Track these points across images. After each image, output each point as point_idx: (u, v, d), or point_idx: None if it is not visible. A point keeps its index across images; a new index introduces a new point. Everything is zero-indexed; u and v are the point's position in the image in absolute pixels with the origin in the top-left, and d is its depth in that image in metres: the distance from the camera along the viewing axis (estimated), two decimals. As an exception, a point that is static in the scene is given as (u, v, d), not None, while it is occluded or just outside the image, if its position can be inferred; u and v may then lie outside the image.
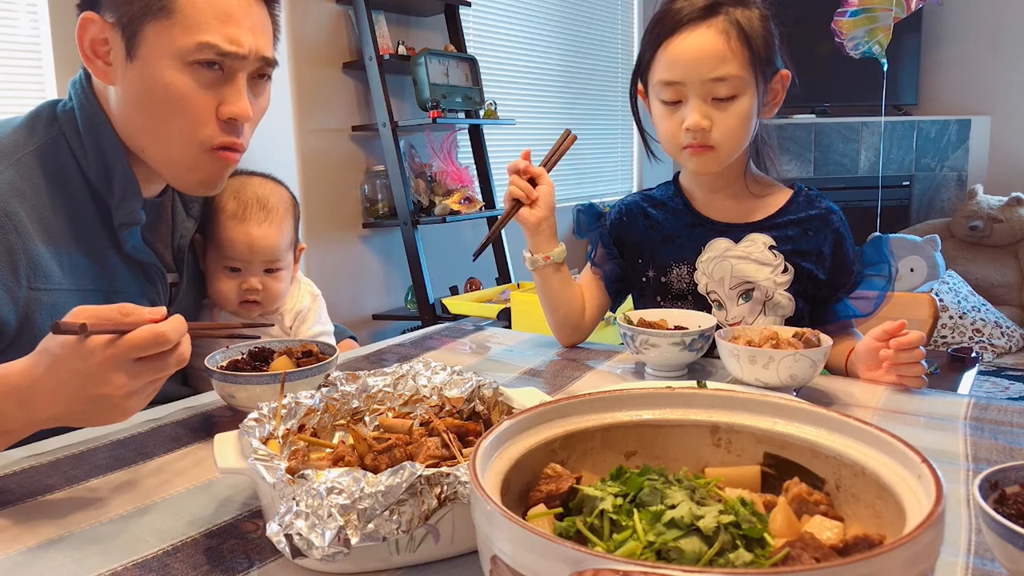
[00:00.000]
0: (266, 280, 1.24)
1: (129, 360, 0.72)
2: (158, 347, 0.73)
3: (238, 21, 0.99)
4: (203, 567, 0.62)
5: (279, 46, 1.11)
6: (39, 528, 0.70)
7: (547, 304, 1.30)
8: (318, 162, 2.98)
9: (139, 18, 0.97)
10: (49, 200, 1.00)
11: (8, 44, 2.27)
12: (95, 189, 1.04)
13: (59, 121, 1.04)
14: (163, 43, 0.97)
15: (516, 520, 0.41)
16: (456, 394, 0.79)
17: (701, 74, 1.14)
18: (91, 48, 1.00)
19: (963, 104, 4.77)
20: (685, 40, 1.15)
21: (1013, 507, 0.56)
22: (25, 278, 0.96)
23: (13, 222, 0.95)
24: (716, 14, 1.15)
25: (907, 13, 3.79)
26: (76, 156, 1.03)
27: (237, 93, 1.01)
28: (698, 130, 1.16)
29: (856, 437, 0.53)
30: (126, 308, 0.73)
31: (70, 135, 1.04)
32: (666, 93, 1.18)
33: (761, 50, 1.16)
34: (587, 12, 4.49)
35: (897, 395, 1.03)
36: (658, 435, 0.60)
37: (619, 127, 4.85)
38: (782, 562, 0.44)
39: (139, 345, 0.72)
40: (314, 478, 0.57)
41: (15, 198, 0.96)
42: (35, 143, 1.02)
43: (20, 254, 0.95)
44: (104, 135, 1.03)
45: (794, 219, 1.25)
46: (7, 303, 0.94)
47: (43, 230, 0.99)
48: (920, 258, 4.14)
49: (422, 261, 3.01)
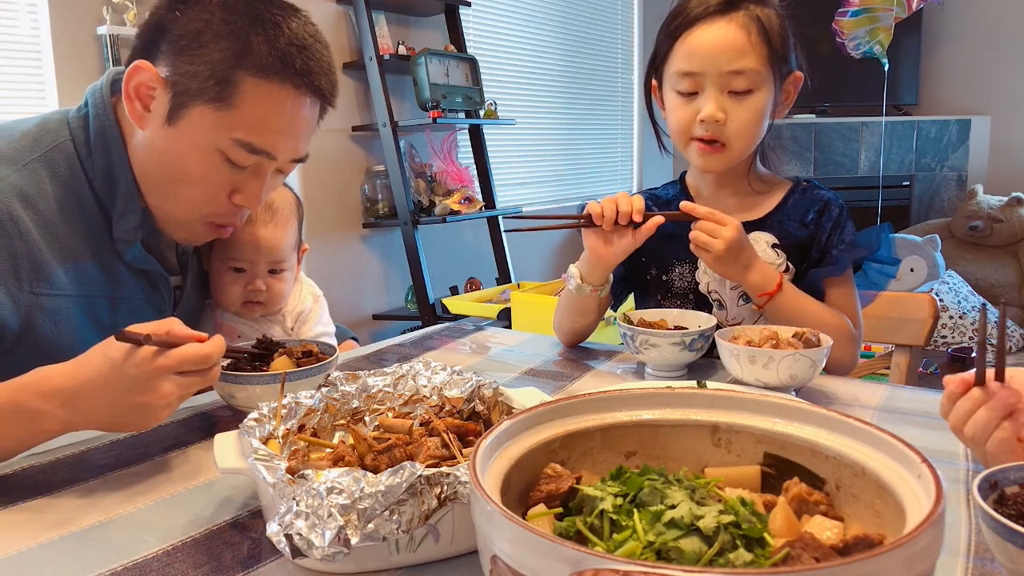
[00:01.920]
0: (270, 281, 1.24)
1: (175, 372, 0.78)
2: (202, 364, 0.79)
3: (288, 131, 1.00)
4: (203, 567, 0.62)
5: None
6: (39, 528, 0.70)
7: (568, 315, 1.29)
8: (318, 162, 2.98)
9: (194, 96, 0.96)
10: (55, 206, 0.99)
11: (8, 44, 2.27)
12: (101, 199, 1.04)
13: (69, 127, 1.03)
14: (206, 129, 0.97)
15: (516, 520, 0.41)
16: (456, 394, 0.79)
17: (720, 66, 1.14)
18: (136, 91, 0.98)
19: (963, 104, 4.77)
20: (705, 32, 1.15)
21: (1013, 507, 0.56)
22: (28, 283, 0.96)
23: (18, 226, 0.95)
24: (737, 9, 1.15)
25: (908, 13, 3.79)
26: (83, 164, 1.02)
27: (256, 187, 1.02)
28: (712, 122, 1.15)
29: (856, 437, 0.53)
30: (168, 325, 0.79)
31: (79, 142, 1.03)
32: (683, 84, 1.18)
33: (779, 48, 1.16)
34: (587, 12, 4.49)
35: (897, 395, 1.03)
36: (658, 435, 0.60)
37: (619, 127, 4.85)
38: (782, 562, 0.44)
39: (189, 360, 0.78)
40: (314, 478, 0.57)
41: (20, 203, 0.96)
42: (43, 148, 1.01)
43: (23, 258, 0.95)
44: (114, 149, 1.02)
45: (793, 214, 1.24)
46: (8, 307, 0.94)
47: (48, 235, 0.98)
48: (920, 258, 4.14)
49: (422, 261, 3.01)
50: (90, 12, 2.36)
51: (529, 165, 4.12)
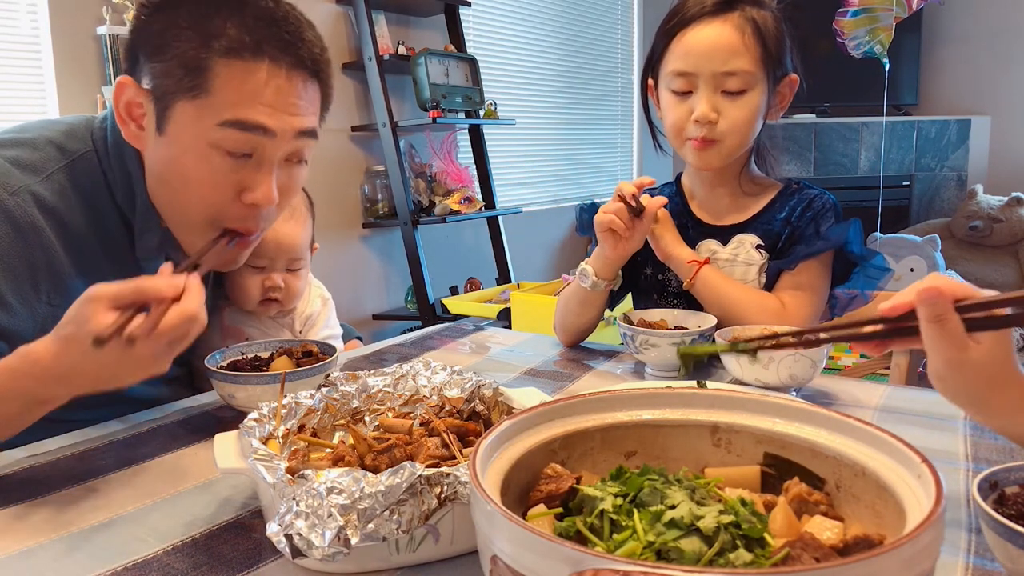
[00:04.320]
0: (288, 278, 1.24)
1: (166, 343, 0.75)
2: (190, 326, 0.76)
3: (272, 101, 0.92)
4: (203, 567, 0.62)
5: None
6: (39, 528, 0.70)
7: (572, 311, 1.29)
8: (318, 162, 2.95)
9: (172, 94, 0.92)
10: (78, 218, 0.98)
11: (8, 44, 2.27)
12: (123, 212, 1.02)
13: (93, 136, 1.01)
14: (191, 124, 0.92)
15: (516, 520, 0.41)
16: (456, 394, 0.79)
17: (713, 66, 1.15)
18: (126, 111, 0.96)
19: (963, 104, 4.77)
20: (700, 32, 1.16)
21: (1013, 507, 0.56)
22: (45, 294, 0.95)
23: (39, 237, 0.94)
24: (732, 10, 1.16)
25: (908, 13, 3.79)
26: (107, 176, 1.00)
27: (264, 179, 0.95)
28: (705, 122, 1.16)
29: (856, 437, 0.53)
30: (140, 289, 0.74)
31: (102, 152, 1.00)
32: (677, 83, 1.19)
33: (773, 50, 1.17)
34: (587, 12, 4.49)
35: (897, 395, 1.03)
36: (658, 435, 0.60)
37: (619, 126, 4.85)
38: (782, 562, 0.44)
39: (174, 329, 0.74)
40: (314, 478, 0.57)
41: (43, 213, 0.94)
42: (67, 158, 0.99)
43: (43, 269, 0.94)
44: (131, 162, 0.99)
45: (780, 214, 1.24)
46: (26, 317, 0.93)
47: (71, 247, 0.97)
48: (920, 258, 4.14)
49: (422, 261, 3.01)
50: (90, 12, 2.36)
51: (529, 165, 4.12)
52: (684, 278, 1.21)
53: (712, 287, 1.18)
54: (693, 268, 1.19)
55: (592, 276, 1.23)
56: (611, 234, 1.17)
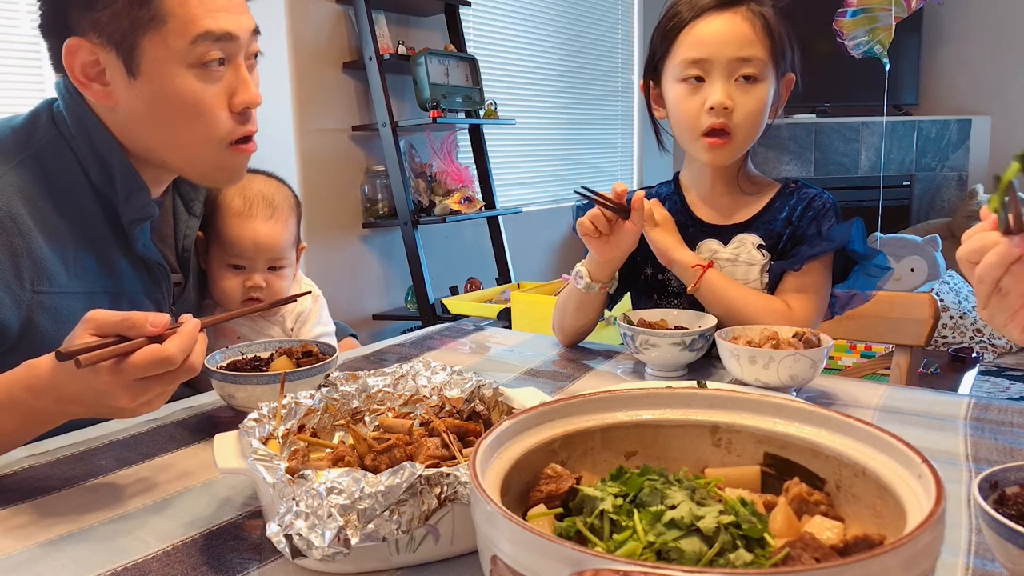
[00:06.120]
0: (269, 278, 1.24)
1: (135, 379, 0.73)
2: (162, 368, 0.73)
3: (224, 4, 0.98)
4: (203, 567, 0.62)
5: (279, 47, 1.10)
6: (39, 528, 0.70)
7: (569, 313, 1.29)
8: (318, 162, 2.98)
9: (132, 33, 0.94)
10: (53, 201, 0.99)
11: (8, 44, 2.27)
12: (99, 189, 1.03)
13: (55, 120, 1.03)
14: (164, 52, 0.95)
15: (516, 520, 0.41)
16: (456, 394, 0.79)
17: (728, 52, 1.15)
18: (83, 73, 0.97)
19: (963, 104, 4.77)
20: (712, 22, 1.17)
21: (1013, 507, 0.56)
22: (29, 281, 0.95)
23: (17, 224, 0.95)
24: (739, 4, 1.17)
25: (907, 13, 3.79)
26: (77, 156, 1.02)
27: (243, 81, 1.01)
28: (721, 109, 1.15)
29: (856, 437, 0.53)
30: (129, 320, 0.74)
31: (68, 135, 1.03)
32: (690, 71, 1.18)
33: (780, 45, 1.18)
34: (587, 12, 4.49)
35: (897, 395, 1.03)
36: (658, 435, 0.60)
37: (619, 126, 4.85)
38: (782, 562, 0.44)
39: (142, 366, 0.73)
40: (314, 478, 0.57)
41: (19, 200, 0.96)
42: (36, 144, 1.01)
43: (24, 256, 0.95)
44: (95, 133, 1.01)
45: (780, 214, 1.24)
46: (10, 306, 0.94)
47: (48, 232, 0.98)
48: (920, 258, 4.14)
49: (422, 261, 3.01)
50: (90, 12, 2.36)
51: (529, 165, 4.12)
52: (688, 283, 1.20)
53: (717, 291, 1.18)
54: (697, 272, 1.18)
55: (586, 278, 1.23)
56: (593, 238, 1.17)
